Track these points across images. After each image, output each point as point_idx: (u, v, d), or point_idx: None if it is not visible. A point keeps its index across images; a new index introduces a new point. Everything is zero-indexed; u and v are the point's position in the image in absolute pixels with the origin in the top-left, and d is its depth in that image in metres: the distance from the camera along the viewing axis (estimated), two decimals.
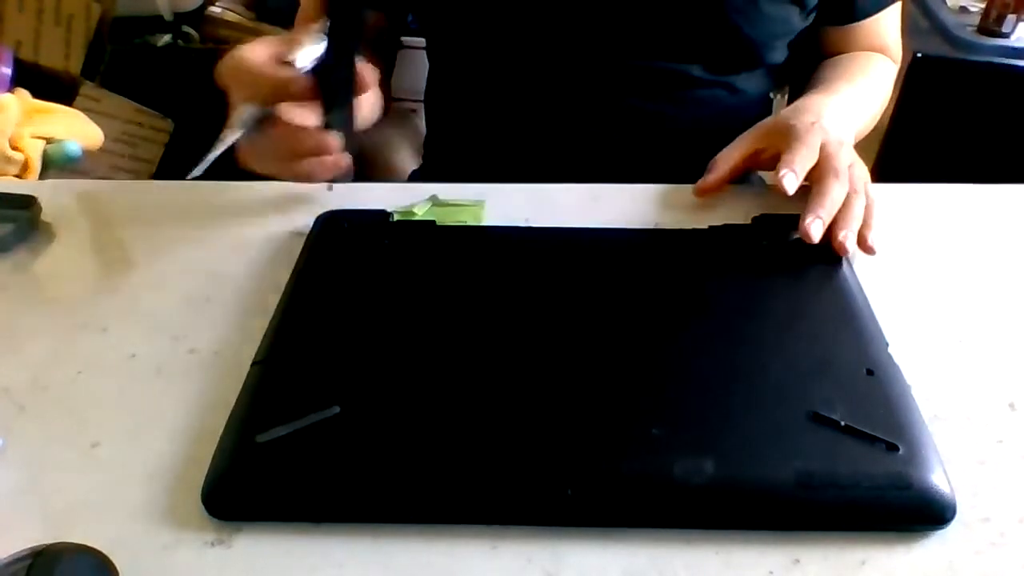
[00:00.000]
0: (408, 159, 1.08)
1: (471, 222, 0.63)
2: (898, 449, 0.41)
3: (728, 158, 0.65)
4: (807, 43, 0.81)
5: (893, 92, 0.83)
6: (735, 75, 0.76)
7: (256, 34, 1.40)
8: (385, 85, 0.63)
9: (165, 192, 0.70)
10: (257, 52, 0.54)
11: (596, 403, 0.44)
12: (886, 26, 0.81)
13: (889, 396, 0.44)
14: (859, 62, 0.79)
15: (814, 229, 0.55)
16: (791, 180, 0.58)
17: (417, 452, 0.42)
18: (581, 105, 0.77)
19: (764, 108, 0.85)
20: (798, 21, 0.75)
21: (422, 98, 0.90)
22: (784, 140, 0.61)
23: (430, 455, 0.42)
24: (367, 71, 0.55)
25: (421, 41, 0.86)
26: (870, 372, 0.45)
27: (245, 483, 0.41)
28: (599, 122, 0.78)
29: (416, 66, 0.96)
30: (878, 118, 0.80)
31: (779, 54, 0.78)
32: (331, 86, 0.54)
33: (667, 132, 0.76)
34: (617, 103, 0.77)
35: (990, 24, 1.36)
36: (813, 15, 0.76)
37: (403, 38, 0.90)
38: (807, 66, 0.81)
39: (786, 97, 0.91)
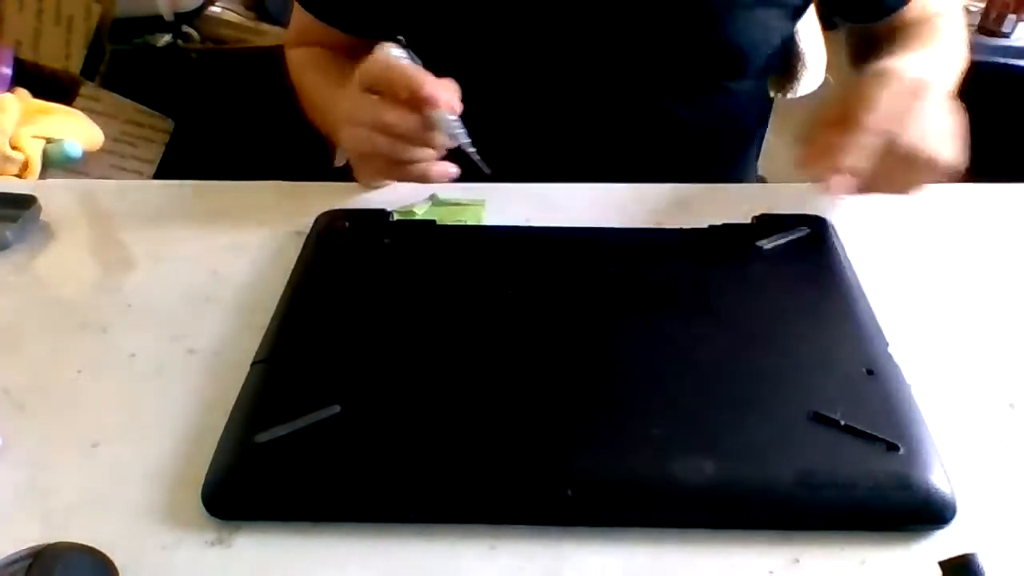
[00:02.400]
0: None
1: (471, 222, 0.63)
2: (898, 449, 0.41)
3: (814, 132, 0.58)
4: (860, 40, 0.79)
5: None
6: (728, 80, 0.76)
7: (256, 34, 1.40)
8: None
9: (165, 192, 0.70)
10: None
11: (596, 403, 0.44)
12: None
13: (889, 396, 0.44)
14: (923, 26, 0.76)
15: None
16: (839, 185, 0.53)
17: (417, 452, 0.42)
18: (579, 108, 0.77)
19: (762, 109, 0.85)
20: (783, 25, 0.75)
21: None
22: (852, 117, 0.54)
23: (430, 455, 0.42)
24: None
25: None
26: (870, 372, 0.45)
27: (245, 483, 0.41)
28: (598, 124, 0.78)
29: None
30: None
31: (770, 58, 0.78)
32: None
33: (667, 133, 0.77)
34: (615, 106, 0.77)
35: (990, 24, 1.36)
36: (800, 18, 0.76)
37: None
38: (862, 57, 0.79)
39: (788, 96, 0.91)
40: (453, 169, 0.61)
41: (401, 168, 0.61)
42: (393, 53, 0.59)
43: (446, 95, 0.57)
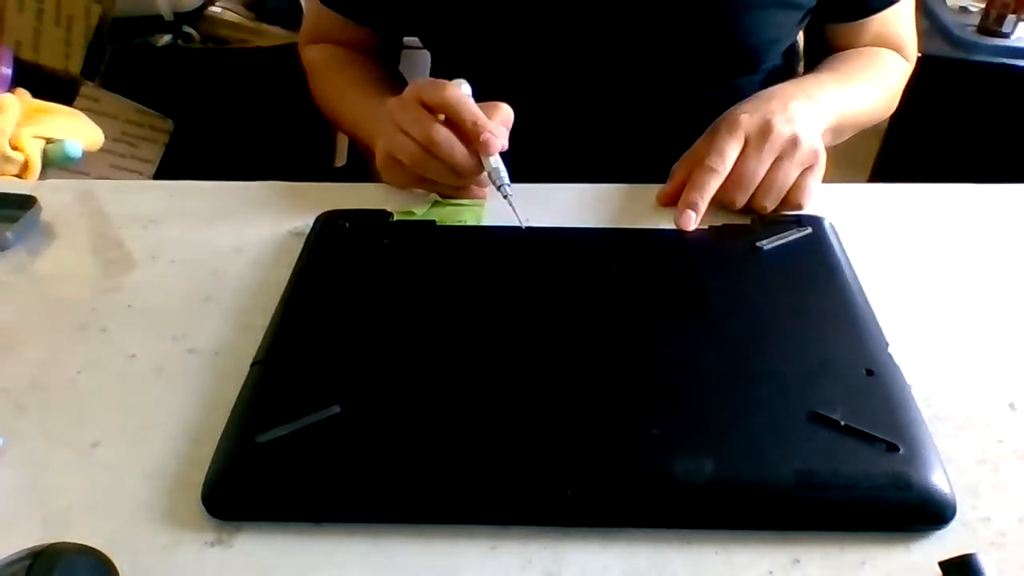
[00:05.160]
0: None
1: (471, 222, 0.63)
2: (898, 449, 0.41)
3: (681, 168, 0.65)
4: (815, 40, 0.81)
5: None
6: (734, 79, 0.76)
7: (256, 34, 1.40)
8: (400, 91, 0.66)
9: (165, 192, 0.70)
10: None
11: (596, 403, 0.44)
12: (897, 22, 0.80)
13: (889, 396, 0.44)
14: (863, 54, 0.79)
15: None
16: (687, 220, 0.60)
17: (417, 452, 0.42)
18: (582, 108, 0.77)
19: None
20: (794, 26, 0.75)
21: None
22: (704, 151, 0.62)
23: (430, 455, 0.42)
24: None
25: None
26: (870, 372, 0.45)
27: (245, 483, 0.41)
28: (600, 125, 0.78)
29: (417, 66, 0.96)
30: (885, 111, 0.79)
31: (777, 59, 0.78)
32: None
33: (668, 135, 0.77)
34: (618, 106, 0.77)
35: (990, 24, 1.36)
36: (808, 19, 0.76)
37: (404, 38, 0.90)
38: (815, 62, 0.81)
39: None
40: (482, 194, 0.64)
41: (430, 183, 0.64)
42: (463, 88, 0.63)
43: (502, 142, 0.60)
